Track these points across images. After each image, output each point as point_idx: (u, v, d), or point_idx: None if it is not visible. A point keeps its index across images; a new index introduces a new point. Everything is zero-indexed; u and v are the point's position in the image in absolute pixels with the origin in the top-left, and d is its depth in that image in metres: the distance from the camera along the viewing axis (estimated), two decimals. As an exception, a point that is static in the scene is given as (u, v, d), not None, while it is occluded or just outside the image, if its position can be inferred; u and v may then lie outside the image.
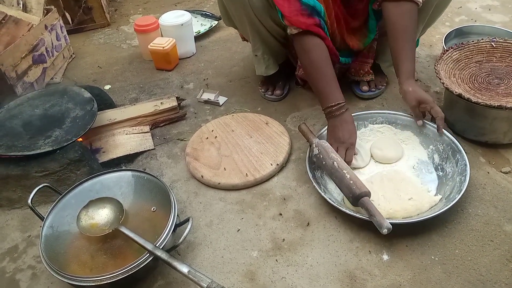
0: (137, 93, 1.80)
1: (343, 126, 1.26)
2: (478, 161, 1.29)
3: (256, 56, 1.53)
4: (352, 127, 1.27)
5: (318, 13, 1.25)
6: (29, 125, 1.38)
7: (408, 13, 1.25)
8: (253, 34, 1.45)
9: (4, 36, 1.69)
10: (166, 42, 1.87)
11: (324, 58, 1.28)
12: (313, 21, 1.24)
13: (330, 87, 1.27)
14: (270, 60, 1.54)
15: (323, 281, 1.02)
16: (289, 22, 1.25)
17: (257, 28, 1.40)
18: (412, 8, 1.25)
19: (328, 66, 1.28)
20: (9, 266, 1.15)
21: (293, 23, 1.25)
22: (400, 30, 1.26)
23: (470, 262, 1.03)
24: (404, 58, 1.26)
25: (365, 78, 1.58)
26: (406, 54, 1.26)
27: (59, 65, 1.99)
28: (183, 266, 0.94)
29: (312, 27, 1.24)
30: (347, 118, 1.27)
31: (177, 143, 1.51)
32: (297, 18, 1.23)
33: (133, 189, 1.19)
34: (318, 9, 1.25)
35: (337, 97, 1.26)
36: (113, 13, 2.61)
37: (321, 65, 1.28)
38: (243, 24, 1.44)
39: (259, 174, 1.29)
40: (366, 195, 1.08)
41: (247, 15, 1.36)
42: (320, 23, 1.26)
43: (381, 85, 1.61)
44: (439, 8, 1.39)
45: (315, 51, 1.28)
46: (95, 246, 1.05)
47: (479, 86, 1.34)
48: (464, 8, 2.24)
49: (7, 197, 1.30)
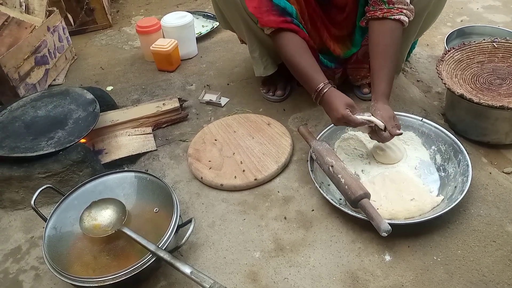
0: (139, 94, 1.80)
1: (331, 106, 1.21)
2: (480, 161, 1.29)
3: (254, 57, 1.53)
4: (338, 101, 1.20)
5: (289, 14, 1.27)
6: (31, 127, 1.39)
7: (391, 32, 1.25)
8: (249, 35, 1.45)
9: (6, 38, 1.70)
10: (168, 43, 1.87)
11: (299, 49, 1.29)
12: (284, 19, 1.26)
13: (310, 75, 1.26)
14: (268, 60, 1.54)
15: (325, 281, 1.03)
16: (261, 23, 1.29)
17: (252, 29, 1.41)
18: (396, 27, 1.24)
19: (305, 55, 1.28)
20: (12, 267, 1.16)
21: (264, 23, 1.28)
22: (381, 49, 1.25)
23: (473, 263, 1.03)
24: (382, 79, 1.24)
25: (364, 81, 1.58)
26: (384, 75, 1.24)
27: (61, 66, 2.00)
28: (186, 267, 0.94)
29: (282, 24, 1.26)
30: (330, 97, 1.21)
31: (179, 144, 1.51)
32: (268, 17, 1.26)
33: (136, 190, 1.19)
34: (289, 10, 1.27)
35: (317, 81, 1.24)
36: (115, 14, 2.62)
37: (297, 56, 1.28)
38: (239, 25, 1.44)
39: (261, 175, 1.30)
40: (363, 198, 1.07)
41: (241, 16, 1.36)
42: (292, 21, 1.27)
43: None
44: (430, 17, 1.39)
45: (289, 45, 1.29)
46: (98, 247, 1.06)
47: (481, 86, 1.34)
48: (465, 8, 2.24)
49: (10, 198, 1.30)
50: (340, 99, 1.20)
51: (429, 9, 1.33)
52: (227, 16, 1.47)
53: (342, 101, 1.20)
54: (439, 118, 1.46)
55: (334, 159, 1.18)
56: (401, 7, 1.23)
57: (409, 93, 1.62)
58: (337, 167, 1.16)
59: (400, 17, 1.23)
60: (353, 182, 1.10)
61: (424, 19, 1.37)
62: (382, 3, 1.24)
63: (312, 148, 1.26)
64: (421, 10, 1.31)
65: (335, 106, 1.19)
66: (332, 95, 1.21)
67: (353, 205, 1.09)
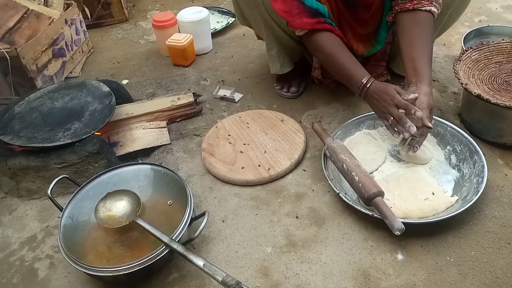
0: (154, 88, 1.82)
1: (378, 97, 1.18)
2: (496, 162, 1.28)
3: (271, 54, 1.53)
4: (387, 86, 1.17)
5: (322, 15, 1.26)
6: (49, 118, 1.41)
7: (425, 21, 1.23)
8: (267, 33, 1.45)
9: (25, 30, 1.73)
10: (183, 38, 1.88)
11: (337, 47, 1.27)
12: (317, 20, 1.25)
13: (352, 71, 1.24)
14: (285, 58, 1.54)
15: (337, 278, 1.03)
16: (293, 26, 1.28)
17: (271, 27, 1.40)
18: (428, 17, 1.23)
19: (343, 52, 1.26)
20: (28, 255, 1.18)
21: (296, 26, 1.27)
22: (417, 36, 1.22)
23: (486, 264, 1.02)
24: (426, 64, 1.18)
25: (381, 79, 1.57)
26: (427, 61, 1.19)
27: (78, 59, 2.02)
28: (199, 259, 0.95)
29: (317, 25, 1.25)
30: (374, 89, 1.19)
31: (193, 139, 1.52)
32: (301, 20, 1.24)
33: (150, 182, 1.20)
34: (322, 11, 1.25)
35: (361, 76, 1.21)
36: (131, 8, 2.64)
37: (337, 54, 1.26)
38: (258, 23, 1.44)
39: (274, 171, 1.30)
40: (376, 196, 1.07)
41: (261, 14, 1.36)
42: (326, 21, 1.26)
43: (399, 85, 1.59)
44: (453, 15, 1.37)
45: (327, 44, 1.27)
46: (112, 238, 1.07)
47: (499, 87, 1.33)
48: (484, 8, 2.21)
49: (27, 187, 1.33)
50: (388, 85, 1.18)
51: (453, 8, 1.32)
52: (246, 13, 1.47)
53: (391, 85, 1.17)
54: (454, 118, 1.45)
55: (348, 156, 1.18)
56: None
57: (425, 93, 1.60)
58: (351, 165, 1.15)
59: (431, 8, 1.21)
60: (367, 180, 1.10)
61: (447, 18, 1.35)
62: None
63: (326, 145, 1.25)
64: (445, 7, 1.28)
65: (387, 89, 1.16)
66: (380, 84, 1.19)
67: (367, 203, 1.09)
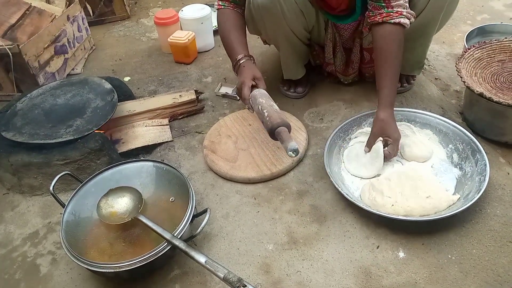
0: (156, 85, 1.82)
1: (241, 74, 1.32)
2: (498, 161, 1.28)
3: (287, 63, 1.55)
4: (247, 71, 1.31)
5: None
6: (51, 114, 1.41)
7: (392, 35, 1.23)
8: (285, 44, 1.46)
9: (28, 27, 1.73)
10: (185, 36, 1.88)
11: (231, 25, 1.40)
12: None
13: (233, 47, 1.37)
14: (299, 64, 1.57)
15: (338, 276, 1.03)
16: None
17: (290, 38, 1.42)
18: (396, 31, 1.22)
19: (232, 32, 1.39)
20: (30, 251, 1.18)
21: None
22: (383, 55, 1.24)
23: (488, 263, 1.02)
24: (384, 85, 1.24)
25: None
26: (387, 81, 1.24)
27: (80, 56, 2.02)
28: (201, 256, 0.95)
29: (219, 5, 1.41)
30: (243, 67, 1.32)
31: (194, 136, 1.52)
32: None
33: (152, 179, 1.21)
34: None
35: (238, 52, 1.35)
36: (133, 6, 2.64)
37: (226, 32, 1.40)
38: (276, 35, 1.43)
39: (276, 168, 1.30)
40: (280, 126, 1.12)
41: (282, 28, 1.37)
42: None
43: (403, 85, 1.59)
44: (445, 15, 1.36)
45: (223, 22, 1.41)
46: (114, 234, 1.07)
47: (501, 85, 1.32)
48: (486, 6, 2.20)
49: (29, 184, 1.33)
50: (250, 70, 1.32)
51: (444, 10, 1.32)
52: (263, 27, 1.42)
53: (251, 72, 1.31)
54: (456, 116, 1.45)
55: (265, 100, 1.23)
56: (401, 10, 1.21)
57: (427, 91, 1.60)
58: (265, 104, 1.20)
59: (400, 20, 1.21)
60: (275, 114, 1.16)
61: (442, 14, 1.35)
62: (381, 7, 1.22)
63: (250, 95, 1.28)
64: (435, 13, 1.30)
65: (244, 74, 1.31)
66: (246, 65, 1.33)
67: (271, 134, 1.14)
